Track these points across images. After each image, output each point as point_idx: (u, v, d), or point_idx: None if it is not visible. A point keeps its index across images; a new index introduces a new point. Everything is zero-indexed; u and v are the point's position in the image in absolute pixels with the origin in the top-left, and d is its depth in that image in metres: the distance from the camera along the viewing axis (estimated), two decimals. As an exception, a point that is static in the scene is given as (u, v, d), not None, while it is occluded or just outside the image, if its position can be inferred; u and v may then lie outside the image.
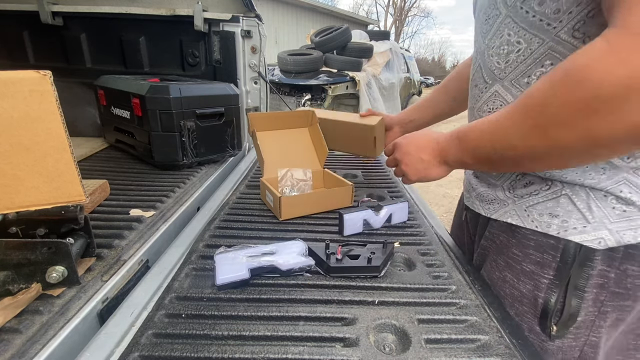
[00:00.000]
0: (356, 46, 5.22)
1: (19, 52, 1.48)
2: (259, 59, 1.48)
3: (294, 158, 0.99)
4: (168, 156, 1.13)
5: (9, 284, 0.52)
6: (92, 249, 0.63)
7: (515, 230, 0.56)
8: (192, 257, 0.64)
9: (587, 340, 0.52)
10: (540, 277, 0.53)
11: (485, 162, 0.53)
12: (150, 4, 1.39)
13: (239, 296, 0.53)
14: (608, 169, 0.47)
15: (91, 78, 1.35)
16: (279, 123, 1.00)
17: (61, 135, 0.50)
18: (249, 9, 1.39)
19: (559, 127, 0.39)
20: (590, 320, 0.51)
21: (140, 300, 0.54)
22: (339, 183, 0.91)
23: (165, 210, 0.87)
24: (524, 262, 0.55)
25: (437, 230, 0.80)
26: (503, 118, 0.47)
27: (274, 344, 0.45)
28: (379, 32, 6.84)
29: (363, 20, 16.47)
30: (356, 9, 29.00)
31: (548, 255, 0.52)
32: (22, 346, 0.45)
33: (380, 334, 0.48)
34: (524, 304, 0.56)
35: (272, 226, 0.77)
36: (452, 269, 0.63)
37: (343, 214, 0.72)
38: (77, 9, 1.38)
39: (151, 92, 1.06)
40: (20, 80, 0.46)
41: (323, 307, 0.52)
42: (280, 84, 4.54)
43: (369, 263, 0.59)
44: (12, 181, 0.48)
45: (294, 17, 11.89)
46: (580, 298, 0.50)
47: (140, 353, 0.43)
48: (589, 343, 0.52)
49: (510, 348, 0.46)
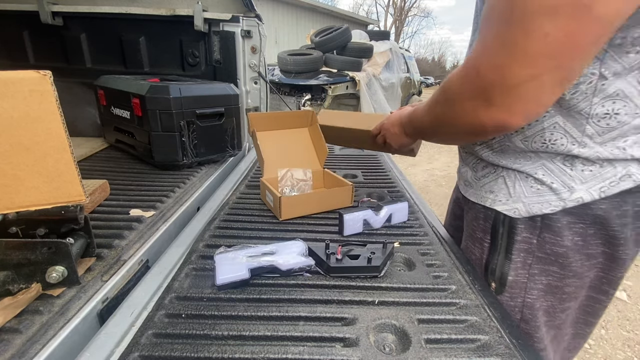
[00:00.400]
0: (356, 46, 5.22)
1: (19, 52, 1.48)
2: (259, 59, 1.47)
3: (294, 158, 0.99)
4: (168, 156, 1.13)
5: (9, 284, 0.52)
6: (92, 249, 0.63)
7: (474, 206, 0.67)
8: (192, 257, 0.64)
9: (524, 302, 0.61)
10: (484, 242, 0.65)
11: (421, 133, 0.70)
12: (150, 4, 1.39)
13: (239, 296, 0.53)
14: (532, 156, 0.56)
15: (91, 78, 1.35)
16: (279, 123, 1.00)
17: (61, 135, 0.50)
18: (249, 9, 1.39)
19: (442, 118, 0.56)
20: (522, 282, 0.60)
21: (140, 300, 0.54)
22: (339, 183, 0.91)
23: (165, 210, 0.87)
24: (476, 231, 0.67)
25: (437, 230, 0.80)
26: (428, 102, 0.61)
27: (274, 344, 0.45)
28: (379, 32, 6.83)
29: (363, 20, 16.46)
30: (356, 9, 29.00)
31: (487, 223, 0.64)
32: (22, 346, 0.45)
33: (380, 334, 0.48)
34: (478, 265, 0.67)
35: (272, 226, 0.77)
36: (452, 269, 0.63)
37: (343, 214, 0.72)
38: (77, 9, 1.38)
39: (151, 92, 1.06)
40: (20, 80, 0.46)
41: (323, 307, 0.52)
42: (280, 84, 4.54)
43: (369, 263, 0.59)
44: (12, 181, 0.48)
45: (294, 17, 11.89)
46: (510, 260, 0.60)
47: (140, 353, 0.43)
48: (526, 304, 0.61)
49: (510, 348, 0.46)
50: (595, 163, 0.52)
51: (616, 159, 0.50)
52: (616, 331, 1.85)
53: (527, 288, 0.60)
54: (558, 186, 0.54)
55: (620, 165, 0.50)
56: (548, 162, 0.55)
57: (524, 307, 0.61)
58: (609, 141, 0.49)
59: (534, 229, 0.57)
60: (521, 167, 0.58)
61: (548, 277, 0.58)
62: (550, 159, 0.55)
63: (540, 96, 0.42)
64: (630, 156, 0.49)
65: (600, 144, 0.50)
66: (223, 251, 0.60)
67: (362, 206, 0.77)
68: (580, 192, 0.52)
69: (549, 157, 0.55)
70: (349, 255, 0.61)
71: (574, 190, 0.53)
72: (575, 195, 0.52)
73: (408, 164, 4.67)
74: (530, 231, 0.58)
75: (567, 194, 0.53)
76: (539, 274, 0.59)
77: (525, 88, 0.41)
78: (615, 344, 1.76)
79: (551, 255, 0.57)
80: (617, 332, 1.84)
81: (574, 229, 0.54)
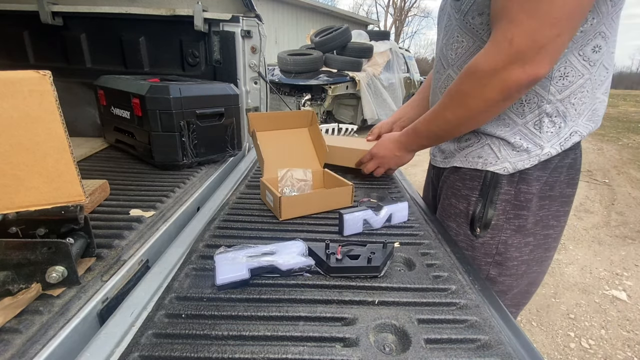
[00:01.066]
0: (356, 46, 5.21)
1: (19, 52, 1.48)
2: (259, 59, 1.47)
3: (294, 158, 0.99)
4: (168, 156, 1.13)
5: (9, 284, 0.52)
6: (92, 249, 0.63)
7: (458, 170, 0.82)
8: (192, 257, 0.64)
9: (500, 239, 0.77)
10: (471, 197, 0.79)
11: (435, 138, 0.83)
12: (150, 4, 1.39)
13: (239, 296, 0.53)
14: (510, 124, 0.72)
15: (91, 78, 1.35)
16: (279, 123, 1.00)
17: (61, 135, 0.50)
18: (249, 9, 1.39)
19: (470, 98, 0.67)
20: (501, 225, 0.76)
21: (140, 300, 0.54)
22: (339, 183, 0.91)
23: (165, 210, 0.87)
24: (462, 189, 0.81)
25: (437, 230, 0.80)
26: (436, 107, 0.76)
27: (274, 344, 0.45)
28: (379, 32, 6.83)
29: (363, 20, 16.46)
30: (356, 9, 29.00)
31: (475, 182, 0.78)
32: (22, 346, 0.45)
33: (380, 334, 0.48)
34: (461, 217, 0.82)
35: (272, 226, 0.77)
36: (452, 269, 0.63)
37: (343, 214, 0.72)
38: (77, 9, 1.38)
39: (151, 92, 1.06)
40: (20, 80, 0.46)
41: (323, 307, 0.52)
42: (280, 84, 4.54)
43: (369, 263, 0.59)
44: (12, 181, 0.48)
45: (294, 17, 11.88)
46: (494, 209, 0.76)
47: (140, 353, 0.43)
48: (501, 241, 0.77)
49: (510, 348, 0.46)
50: (555, 124, 0.69)
51: (569, 116, 0.68)
52: (616, 331, 1.85)
53: (504, 228, 0.76)
54: (532, 146, 0.70)
55: (569, 124, 0.68)
56: (522, 128, 0.71)
57: (499, 244, 0.78)
58: (565, 98, 0.67)
59: (513, 182, 0.73)
60: (502, 135, 0.73)
61: (519, 219, 0.75)
62: (524, 124, 0.70)
63: (562, 48, 0.58)
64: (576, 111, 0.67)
65: (560, 100, 0.67)
66: (223, 251, 0.60)
67: (362, 206, 0.77)
68: (547, 148, 0.69)
69: (523, 122, 0.70)
70: (349, 255, 0.61)
71: (543, 148, 0.70)
72: (545, 151, 0.70)
73: (408, 164, 4.67)
74: (510, 184, 0.74)
75: (539, 151, 0.70)
76: (513, 217, 0.75)
77: (553, 45, 0.56)
78: (615, 344, 1.76)
79: (523, 201, 0.74)
80: (617, 332, 1.84)
81: (540, 179, 0.72)
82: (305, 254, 0.61)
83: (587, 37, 0.62)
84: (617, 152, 5.78)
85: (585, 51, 0.63)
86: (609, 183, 4.24)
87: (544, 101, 0.67)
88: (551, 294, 2.16)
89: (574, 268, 2.44)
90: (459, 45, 0.74)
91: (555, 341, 1.79)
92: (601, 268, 2.45)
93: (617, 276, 2.35)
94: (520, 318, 1.94)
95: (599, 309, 2.03)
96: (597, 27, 0.61)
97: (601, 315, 1.97)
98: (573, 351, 1.72)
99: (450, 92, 0.70)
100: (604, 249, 2.70)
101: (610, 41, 0.64)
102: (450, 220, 0.85)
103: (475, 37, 0.70)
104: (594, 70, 0.65)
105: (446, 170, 0.87)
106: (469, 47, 0.72)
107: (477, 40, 0.70)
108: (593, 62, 0.64)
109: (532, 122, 0.70)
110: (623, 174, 4.61)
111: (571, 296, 2.14)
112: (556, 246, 0.81)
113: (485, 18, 0.66)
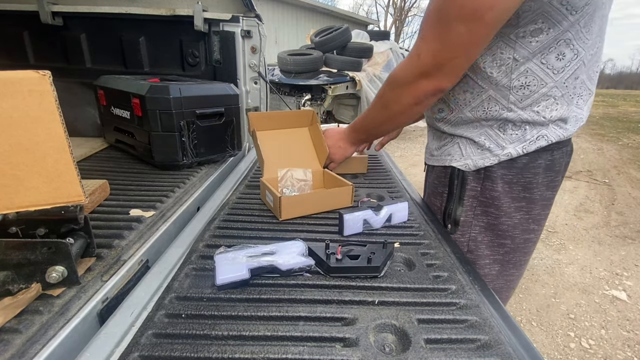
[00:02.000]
0: (356, 46, 5.21)
1: (19, 52, 1.48)
2: (259, 59, 1.47)
3: (294, 158, 0.99)
4: (168, 156, 1.13)
5: (9, 284, 0.52)
6: (92, 249, 0.63)
7: (434, 168, 0.88)
8: (192, 257, 0.64)
9: (470, 236, 0.81)
10: (443, 194, 0.85)
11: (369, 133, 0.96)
12: (150, 4, 1.39)
13: (239, 296, 0.53)
14: (477, 125, 0.76)
15: (91, 78, 1.35)
16: (279, 123, 1.00)
17: (60, 135, 0.50)
18: (249, 9, 1.39)
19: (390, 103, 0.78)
20: (469, 221, 0.80)
21: (140, 300, 0.54)
22: (339, 183, 0.91)
23: (165, 210, 0.87)
24: (438, 187, 0.87)
25: (437, 230, 0.79)
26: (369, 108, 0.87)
27: (274, 344, 0.45)
28: (379, 32, 6.82)
29: (363, 20, 16.45)
30: (356, 9, 28.98)
31: (445, 179, 0.83)
32: (22, 346, 0.45)
33: (380, 334, 0.48)
34: (438, 213, 0.87)
35: (272, 226, 0.77)
36: (452, 269, 0.63)
37: (343, 214, 0.72)
38: (77, 9, 1.38)
39: (151, 92, 1.06)
40: (20, 80, 0.46)
41: (323, 307, 0.52)
42: (280, 84, 4.53)
43: (369, 263, 0.59)
44: (11, 181, 0.48)
45: (294, 17, 11.88)
46: (462, 205, 0.80)
47: (140, 353, 0.43)
48: (471, 238, 0.81)
49: (510, 348, 0.45)
50: (520, 127, 0.71)
51: (534, 122, 0.70)
52: (616, 331, 1.85)
53: (472, 225, 0.80)
54: (494, 146, 0.74)
55: (537, 128, 0.71)
56: (488, 129, 0.75)
57: (470, 241, 0.81)
58: (527, 106, 0.69)
59: (479, 180, 0.77)
60: (469, 135, 0.77)
61: (488, 216, 0.78)
62: (490, 126, 0.75)
63: (459, 69, 0.66)
64: (544, 118, 0.69)
65: (522, 108, 0.70)
66: (223, 251, 0.60)
67: (362, 206, 0.77)
68: (508, 149, 0.73)
69: (489, 124, 0.74)
70: (349, 255, 0.61)
71: (504, 148, 0.73)
72: (506, 152, 0.73)
73: (408, 164, 4.67)
74: (476, 181, 0.78)
75: (500, 151, 0.73)
76: (481, 214, 0.79)
77: (450, 65, 0.65)
78: (615, 344, 1.76)
79: (489, 199, 0.77)
80: (617, 332, 1.84)
81: (504, 178, 0.75)
82: (305, 254, 0.61)
83: (548, 46, 0.64)
84: (617, 152, 5.78)
85: (549, 59, 0.65)
86: (609, 183, 4.24)
87: (505, 109, 0.71)
88: (551, 294, 2.16)
89: (574, 268, 2.44)
90: None
91: (555, 341, 1.79)
92: (601, 268, 2.45)
93: (617, 276, 2.35)
94: (520, 318, 1.95)
95: (599, 309, 2.03)
96: (559, 36, 0.63)
97: (601, 315, 1.97)
98: (573, 351, 1.72)
99: (378, 96, 0.81)
100: (604, 249, 2.70)
101: (580, 48, 0.64)
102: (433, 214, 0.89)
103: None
104: (559, 77, 0.66)
105: (428, 168, 0.93)
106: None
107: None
108: (557, 70, 0.66)
109: (497, 125, 0.74)
110: (623, 174, 4.61)
111: (571, 296, 2.14)
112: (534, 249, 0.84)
113: None
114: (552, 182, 0.76)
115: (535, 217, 0.78)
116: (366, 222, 0.75)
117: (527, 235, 0.79)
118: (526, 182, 0.74)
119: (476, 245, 0.80)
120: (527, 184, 0.74)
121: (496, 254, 0.81)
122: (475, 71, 0.72)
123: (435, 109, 0.84)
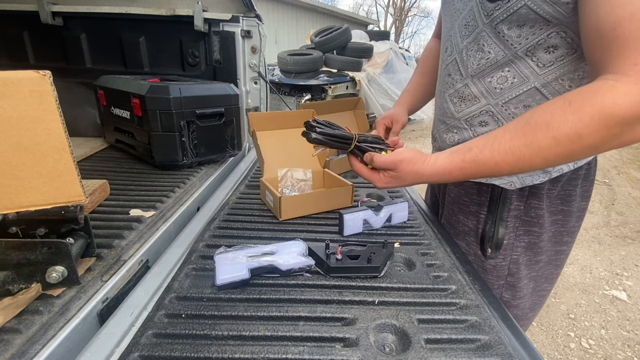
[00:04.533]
0: (356, 46, 5.20)
1: (19, 52, 1.48)
2: (259, 59, 1.47)
3: (294, 158, 0.99)
4: (168, 156, 1.13)
5: (9, 284, 0.52)
6: (92, 249, 0.63)
7: (463, 184, 0.77)
8: (192, 257, 0.64)
9: (511, 259, 0.73)
10: (480, 214, 0.75)
11: (492, 175, 0.61)
12: (150, 4, 1.39)
13: (239, 296, 0.53)
14: None
15: (91, 78, 1.35)
16: (279, 123, 1.00)
17: (61, 135, 0.50)
18: (249, 9, 1.39)
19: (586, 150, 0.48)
20: (511, 243, 0.72)
21: (140, 300, 0.54)
22: (339, 183, 0.91)
23: (165, 210, 0.87)
24: (470, 205, 0.77)
25: (437, 230, 0.79)
26: (524, 151, 0.51)
27: (274, 344, 0.45)
28: (379, 32, 6.82)
29: (363, 20, 16.44)
30: (356, 9, 28.98)
31: (482, 197, 0.74)
32: (22, 346, 0.45)
33: (380, 334, 0.48)
34: (471, 235, 0.77)
35: (272, 226, 0.77)
36: (452, 269, 0.63)
37: (343, 214, 0.72)
38: (77, 9, 1.38)
39: (151, 92, 1.06)
40: (20, 80, 0.46)
41: (323, 307, 0.52)
42: (280, 84, 4.53)
43: (369, 263, 0.59)
44: (12, 181, 0.48)
45: (294, 17, 11.88)
46: (505, 227, 0.71)
47: (140, 353, 0.43)
48: (512, 260, 0.73)
49: (510, 348, 0.46)
50: None
51: None
52: (616, 331, 1.85)
53: (514, 247, 0.72)
54: None
55: None
56: None
57: (511, 263, 0.73)
58: None
59: (522, 197, 0.69)
60: None
61: (530, 236, 0.71)
62: None
63: None
64: None
65: None
66: (223, 251, 0.60)
67: (362, 206, 0.77)
68: (561, 165, 0.65)
69: None
70: (349, 255, 0.61)
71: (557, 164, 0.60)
72: (557, 168, 0.66)
73: (408, 164, 4.66)
74: (520, 199, 0.70)
75: (551, 168, 0.65)
76: (523, 234, 0.71)
77: None
78: (615, 344, 1.76)
79: (534, 217, 0.70)
80: (617, 332, 1.84)
81: (550, 193, 0.68)
82: (305, 254, 0.61)
83: None
84: (617, 152, 5.78)
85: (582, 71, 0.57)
86: (609, 183, 4.24)
87: None
88: (551, 294, 2.16)
89: (574, 268, 2.44)
90: (483, 55, 0.64)
91: (555, 341, 1.79)
92: (601, 268, 2.45)
93: (617, 276, 2.35)
94: (520, 318, 1.94)
95: (599, 309, 2.03)
96: None
97: (601, 315, 1.97)
98: (573, 351, 1.72)
99: (560, 133, 0.47)
100: (604, 249, 2.70)
101: None
102: (458, 238, 0.80)
103: (507, 50, 0.60)
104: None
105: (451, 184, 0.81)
106: (496, 61, 0.63)
107: (509, 54, 0.61)
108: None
109: None
110: (623, 174, 4.61)
111: (571, 296, 2.14)
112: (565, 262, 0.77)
113: (527, 31, 0.57)
114: (586, 192, 0.72)
115: (570, 229, 0.73)
116: (366, 222, 0.75)
117: (560, 247, 0.74)
118: (566, 194, 0.69)
119: (517, 268, 0.73)
120: (566, 196, 0.69)
121: (532, 272, 0.75)
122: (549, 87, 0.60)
123: (475, 121, 0.69)
